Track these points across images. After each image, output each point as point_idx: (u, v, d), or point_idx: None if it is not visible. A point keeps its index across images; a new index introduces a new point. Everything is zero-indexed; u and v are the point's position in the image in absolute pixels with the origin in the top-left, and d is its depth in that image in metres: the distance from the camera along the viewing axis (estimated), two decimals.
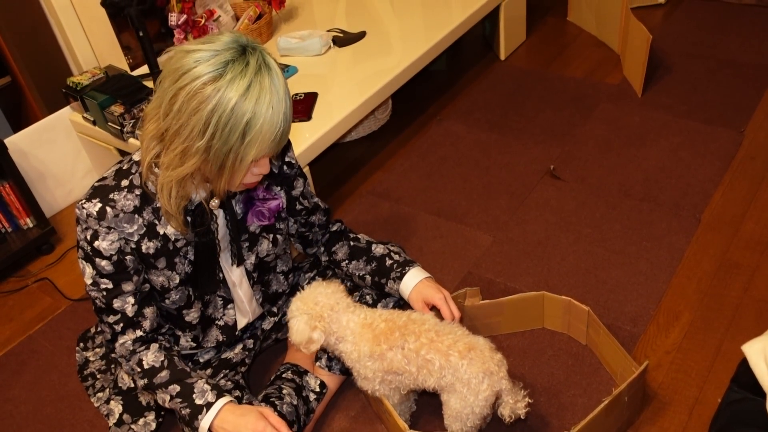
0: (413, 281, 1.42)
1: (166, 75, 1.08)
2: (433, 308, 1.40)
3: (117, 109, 1.90)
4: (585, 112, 2.32)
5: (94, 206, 1.18)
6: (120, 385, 1.49)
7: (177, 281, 1.29)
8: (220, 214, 1.29)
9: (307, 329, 1.28)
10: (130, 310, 1.27)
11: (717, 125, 2.16)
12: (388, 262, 1.47)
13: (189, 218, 1.23)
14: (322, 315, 1.29)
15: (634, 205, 1.92)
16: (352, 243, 1.52)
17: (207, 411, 1.24)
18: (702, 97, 2.30)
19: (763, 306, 1.58)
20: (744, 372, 1.16)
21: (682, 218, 1.85)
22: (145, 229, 1.22)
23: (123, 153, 2.05)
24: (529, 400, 1.29)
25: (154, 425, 1.44)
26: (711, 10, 2.78)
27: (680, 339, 1.54)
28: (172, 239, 1.25)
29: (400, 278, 1.43)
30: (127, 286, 1.25)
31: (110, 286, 1.24)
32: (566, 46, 2.71)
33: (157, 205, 1.21)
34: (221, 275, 1.36)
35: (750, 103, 2.23)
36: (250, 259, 1.38)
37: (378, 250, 1.50)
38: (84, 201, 1.18)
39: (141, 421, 1.44)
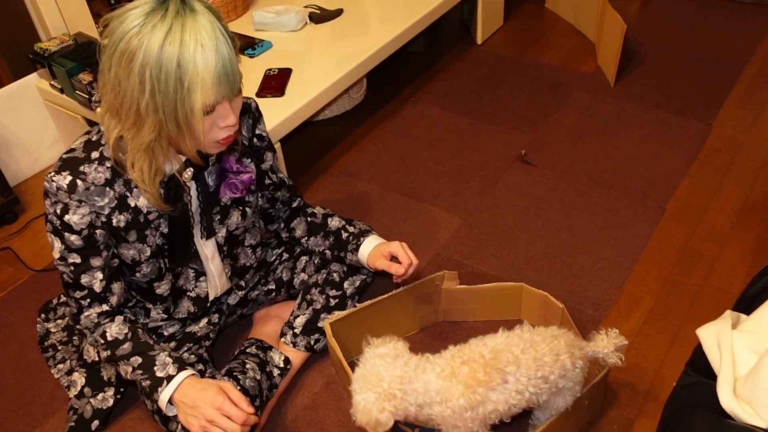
0: (369, 248, 1.46)
1: (101, 49, 1.07)
2: (394, 259, 1.44)
3: (85, 77, 1.87)
4: (559, 99, 2.34)
5: (64, 179, 1.15)
6: (85, 357, 1.47)
7: (148, 254, 1.27)
8: (192, 187, 1.27)
9: (374, 410, 1.10)
10: (97, 286, 1.25)
11: (686, 117, 2.19)
12: (344, 235, 1.50)
13: (163, 191, 1.21)
14: (393, 394, 1.10)
15: (603, 192, 1.94)
16: (309, 219, 1.54)
17: (167, 384, 1.24)
18: (673, 89, 2.33)
19: (721, 294, 1.62)
20: (699, 356, 1.19)
21: (648, 207, 1.88)
22: (116, 201, 1.20)
23: (91, 122, 2.02)
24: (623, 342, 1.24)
25: (111, 401, 1.43)
26: (686, 3, 2.81)
27: (640, 324, 1.58)
28: (144, 212, 1.23)
29: (357, 249, 1.47)
30: (96, 262, 1.23)
31: (78, 260, 1.22)
32: (543, 33, 2.72)
33: (129, 177, 1.19)
34: (195, 248, 1.35)
35: (719, 97, 2.26)
36: (221, 232, 1.37)
37: (333, 223, 1.52)
38: (53, 173, 1.16)
39: (100, 396, 1.43)
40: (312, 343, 1.50)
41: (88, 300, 1.27)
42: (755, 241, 1.75)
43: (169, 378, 1.24)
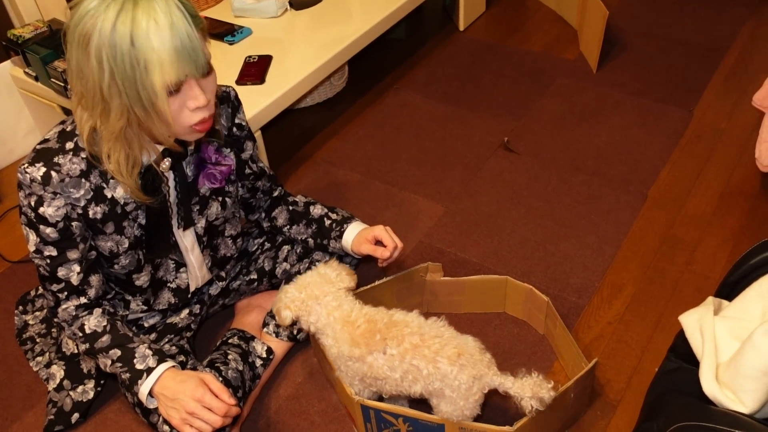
0: (352, 234, 1.44)
1: (65, 38, 1.04)
2: (378, 243, 1.42)
3: (60, 64, 1.83)
4: (541, 86, 2.33)
5: (38, 170, 1.12)
6: (64, 350, 1.45)
7: (126, 245, 1.25)
8: (170, 177, 1.25)
9: (283, 304, 1.27)
10: (75, 279, 1.23)
11: (668, 104, 2.20)
12: (327, 222, 1.48)
13: (140, 182, 1.19)
14: (303, 301, 1.25)
15: (585, 179, 1.94)
16: (290, 207, 1.52)
17: (147, 376, 1.22)
18: (655, 76, 2.33)
19: (702, 280, 1.63)
20: (681, 342, 1.19)
21: (630, 194, 1.89)
22: (92, 193, 1.17)
23: (67, 111, 1.98)
24: (549, 385, 1.16)
25: (91, 394, 1.41)
26: None
27: (622, 310, 1.58)
28: (121, 203, 1.21)
29: (340, 236, 1.45)
30: (73, 254, 1.21)
31: (55, 253, 1.20)
32: (525, 20, 2.71)
33: (106, 169, 1.17)
34: (173, 239, 1.33)
35: (700, 84, 2.27)
36: (201, 223, 1.35)
37: (316, 211, 1.50)
38: (26, 165, 1.13)
39: (80, 389, 1.41)
40: (295, 332, 1.49)
41: (66, 293, 1.24)
42: (736, 227, 1.76)
43: (149, 370, 1.22)
